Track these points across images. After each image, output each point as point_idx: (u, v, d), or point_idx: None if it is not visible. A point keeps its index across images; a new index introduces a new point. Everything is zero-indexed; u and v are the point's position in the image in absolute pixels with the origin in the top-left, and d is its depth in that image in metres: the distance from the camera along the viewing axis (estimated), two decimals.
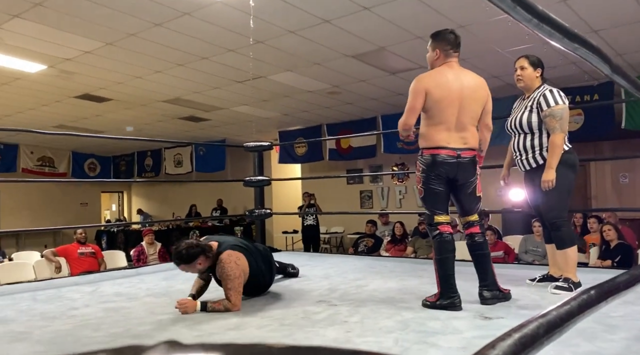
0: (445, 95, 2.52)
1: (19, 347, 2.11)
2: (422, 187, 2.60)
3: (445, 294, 2.47)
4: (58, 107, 8.89)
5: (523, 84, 3.07)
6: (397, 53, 6.29)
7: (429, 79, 2.57)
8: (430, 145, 2.56)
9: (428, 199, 2.59)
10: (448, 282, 2.48)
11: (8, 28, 5.29)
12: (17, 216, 12.91)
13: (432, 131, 2.56)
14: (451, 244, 2.54)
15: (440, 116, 2.53)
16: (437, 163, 2.53)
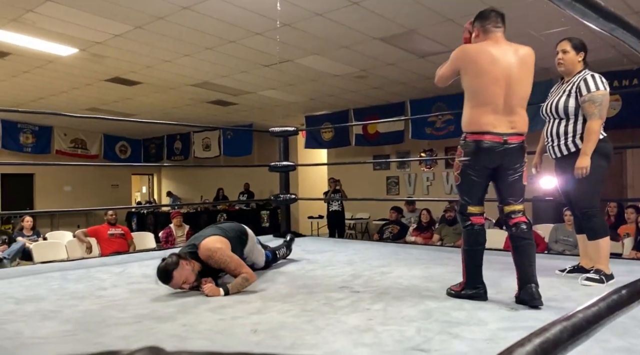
0: (488, 70, 2.30)
1: (49, 325, 2.16)
2: (459, 175, 2.43)
3: (470, 283, 2.40)
4: (90, 90, 9.05)
5: (564, 68, 2.95)
6: (427, 36, 6.15)
7: (471, 49, 2.38)
8: (474, 129, 2.34)
9: (464, 188, 2.43)
10: (475, 273, 2.40)
11: (41, 11, 5.38)
12: (52, 197, 13.30)
13: (476, 113, 2.34)
14: (482, 236, 2.42)
15: (484, 95, 2.32)
16: (481, 150, 2.32)
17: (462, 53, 2.40)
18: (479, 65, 2.33)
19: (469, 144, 2.36)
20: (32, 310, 2.42)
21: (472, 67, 2.34)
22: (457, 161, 2.42)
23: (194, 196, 15.27)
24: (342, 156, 11.67)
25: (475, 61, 2.34)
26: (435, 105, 9.41)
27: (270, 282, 2.99)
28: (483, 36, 2.43)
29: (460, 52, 2.41)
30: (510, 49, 2.37)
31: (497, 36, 2.40)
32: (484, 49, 2.35)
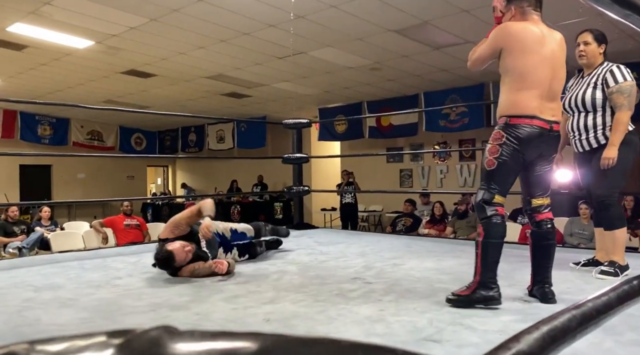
0: (536, 49, 2.15)
1: (66, 313, 2.21)
2: (495, 159, 2.17)
3: (485, 283, 2.14)
4: (106, 83, 9.14)
5: (586, 60, 2.92)
6: (441, 27, 6.09)
7: (516, 26, 2.19)
8: (521, 112, 2.14)
9: (498, 175, 2.19)
10: (492, 270, 2.15)
11: (57, 4, 5.44)
12: (69, 188, 13.49)
13: (523, 96, 2.15)
14: (504, 229, 2.23)
15: (532, 78, 2.14)
16: (527, 136, 2.13)
17: (506, 30, 2.21)
18: (526, 43, 2.16)
19: (515, 127, 2.15)
20: (50, 298, 2.47)
21: (519, 45, 2.16)
22: (495, 145, 2.19)
23: (208, 188, 15.38)
24: (355, 148, 11.66)
25: (521, 39, 2.17)
26: (449, 98, 9.34)
27: (283, 272, 3.02)
28: (520, 17, 2.25)
29: (503, 29, 2.22)
30: (551, 32, 2.25)
31: (536, 18, 2.26)
32: (529, 28, 2.19)
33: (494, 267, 2.16)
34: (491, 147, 2.21)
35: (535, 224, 2.32)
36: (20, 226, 7.09)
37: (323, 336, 0.27)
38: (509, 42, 2.18)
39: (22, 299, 2.45)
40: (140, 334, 0.26)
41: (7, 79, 8.89)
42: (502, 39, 2.21)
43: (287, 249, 3.91)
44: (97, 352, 0.25)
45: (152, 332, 0.26)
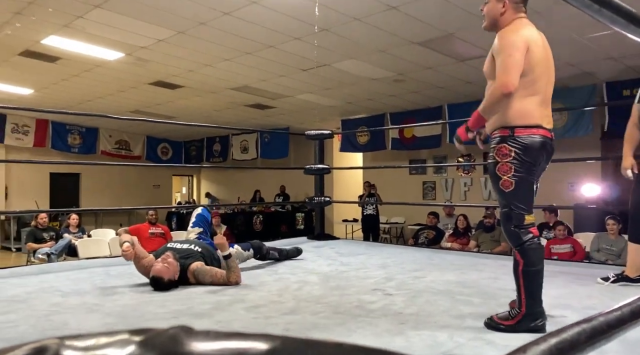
0: (542, 57, 2.01)
1: (92, 318, 2.27)
2: (513, 179, 1.99)
3: (531, 314, 1.96)
4: (134, 93, 9.36)
5: None
6: (466, 39, 6.08)
7: (527, 29, 2.02)
8: (529, 122, 1.99)
9: (521, 194, 2.01)
10: (537, 298, 1.97)
11: (90, 17, 5.61)
12: (97, 196, 13.79)
13: (528, 104, 1.99)
14: (543, 252, 2.05)
15: (536, 84, 2.00)
16: (537, 147, 1.98)
17: (524, 31, 2.02)
18: (538, 47, 2.01)
19: (525, 139, 1.98)
20: (77, 303, 2.53)
21: (534, 48, 2.00)
22: (507, 162, 2.00)
23: (231, 197, 15.53)
24: (377, 160, 11.64)
25: (535, 42, 2.01)
26: (474, 110, 9.27)
27: (304, 282, 3.03)
28: (512, 14, 2.08)
29: (518, 32, 2.01)
30: (540, 33, 2.12)
31: (526, 17, 2.10)
32: (533, 29, 2.05)
33: (538, 294, 1.98)
34: (502, 166, 2.02)
35: None
36: (49, 233, 7.28)
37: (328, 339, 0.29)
38: (528, 44, 1.99)
39: (50, 303, 2.51)
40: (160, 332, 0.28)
41: (40, 89, 9.19)
42: (524, 39, 1.98)
43: (308, 259, 3.93)
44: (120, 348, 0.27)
45: (171, 331, 0.28)
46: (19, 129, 12.21)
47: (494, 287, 2.82)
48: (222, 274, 2.92)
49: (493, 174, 2.06)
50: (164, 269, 2.82)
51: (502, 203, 2.06)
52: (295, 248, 4.00)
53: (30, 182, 12.79)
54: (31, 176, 12.82)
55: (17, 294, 2.73)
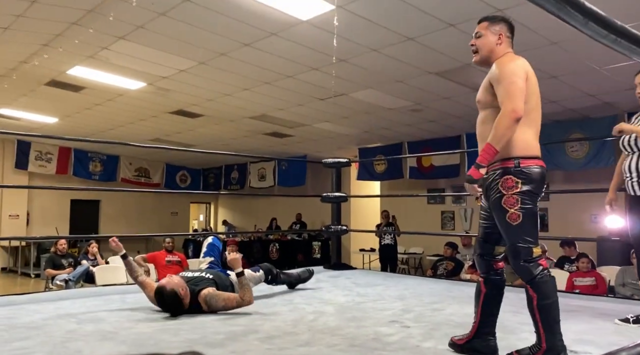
0: (536, 88, 2.03)
1: (106, 345, 2.25)
2: (520, 211, 1.94)
3: (553, 348, 1.91)
4: (155, 122, 9.54)
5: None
6: (484, 69, 6.09)
7: (523, 61, 2.03)
8: (531, 153, 1.98)
9: (528, 227, 1.95)
10: (556, 332, 1.93)
11: (114, 49, 5.79)
12: (116, 222, 13.94)
13: (530, 135, 1.99)
14: (555, 283, 1.98)
15: (532, 114, 2.00)
16: (541, 178, 1.97)
17: (520, 61, 2.04)
18: (532, 77, 2.03)
19: (530, 170, 1.95)
20: (91, 330, 2.53)
21: (532, 78, 2.03)
22: (512, 195, 1.95)
23: (248, 225, 15.55)
24: (395, 189, 11.59)
25: (530, 73, 2.03)
26: None
27: (319, 313, 2.98)
28: (506, 47, 2.12)
29: (517, 61, 2.03)
30: None
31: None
32: (526, 61, 2.06)
33: (557, 329, 1.93)
34: (508, 199, 1.96)
35: (495, 271, 2.14)
36: (68, 259, 7.34)
37: None
38: (527, 73, 2.01)
39: (65, 330, 2.51)
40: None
41: (63, 117, 9.43)
42: (524, 68, 2.00)
43: (324, 289, 3.88)
44: None
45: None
46: (42, 156, 12.50)
47: (514, 321, 2.73)
48: (235, 297, 2.90)
49: (498, 208, 1.99)
50: (165, 281, 2.85)
51: (508, 238, 1.99)
52: (307, 269, 3.93)
53: (52, 208, 13.01)
54: (52, 203, 13.04)
55: (33, 320, 2.74)
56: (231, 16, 4.85)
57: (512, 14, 4.54)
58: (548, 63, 5.64)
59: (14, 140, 11.93)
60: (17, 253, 12.00)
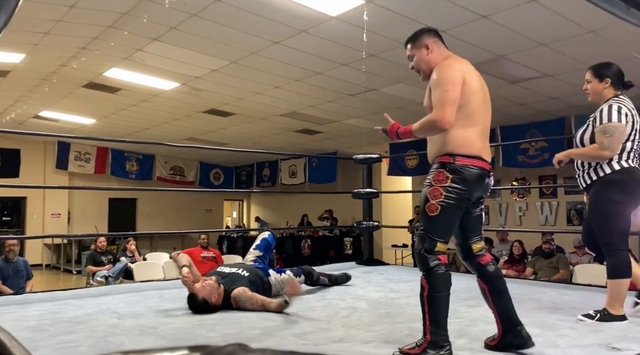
0: (478, 87, 2.06)
1: (147, 340, 2.32)
2: (439, 204, 1.98)
3: (435, 342, 1.93)
4: (188, 121, 9.72)
5: (590, 98, 2.86)
6: (518, 61, 5.97)
7: (460, 63, 2.08)
8: (467, 152, 1.99)
9: (442, 221, 1.99)
10: (442, 327, 1.96)
11: (148, 50, 5.92)
12: (152, 220, 14.28)
13: (468, 134, 2.01)
14: (449, 279, 2.02)
15: (476, 115, 2.03)
16: (473, 178, 1.98)
17: (456, 66, 2.07)
18: (473, 80, 2.06)
19: (462, 168, 1.98)
20: (132, 325, 2.61)
21: (469, 81, 2.05)
22: (439, 187, 1.99)
23: (280, 222, 15.68)
24: None
25: (470, 75, 2.06)
26: (528, 132, 9.02)
27: (353, 309, 2.99)
28: (441, 52, 2.17)
29: (456, 65, 2.08)
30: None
31: (456, 56, 2.16)
32: (464, 62, 2.10)
33: (443, 323, 1.96)
34: (433, 190, 2.00)
35: (484, 266, 2.12)
36: (107, 256, 7.56)
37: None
38: (464, 77, 2.03)
39: (107, 325, 2.60)
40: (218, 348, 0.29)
41: (101, 118, 9.71)
42: (460, 72, 2.04)
43: (357, 285, 3.88)
44: None
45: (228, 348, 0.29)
46: (81, 156, 12.90)
47: (553, 317, 2.68)
48: (262, 304, 2.89)
49: (423, 197, 2.05)
50: (200, 288, 2.88)
51: (422, 225, 2.05)
52: (345, 273, 3.97)
53: (91, 207, 13.43)
54: (92, 202, 13.46)
55: (77, 315, 2.84)
56: (261, 14, 4.90)
57: (546, 3, 4.43)
58: (585, 52, 5.48)
59: (54, 141, 12.35)
60: (59, 250, 12.46)
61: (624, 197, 2.64)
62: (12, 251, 5.74)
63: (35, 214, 12.54)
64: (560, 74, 6.20)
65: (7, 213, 12.75)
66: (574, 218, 9.53)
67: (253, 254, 3.55)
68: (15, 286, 5.61)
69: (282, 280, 3.35)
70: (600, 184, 2.65)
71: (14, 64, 6.47)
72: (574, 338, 2.23)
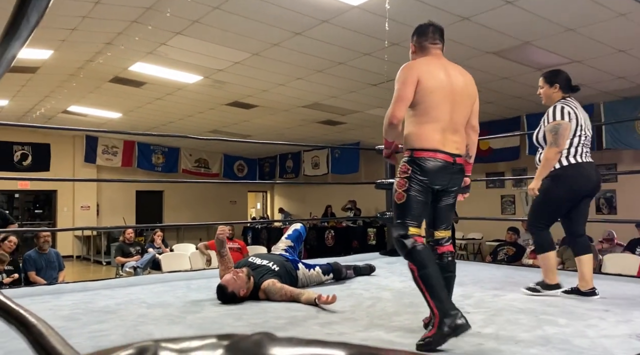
0: (438, 86, 2.19)
1: (175, 329, 2.37)
2: (405, 193, 2.17)
3: (445, 314, 1.96)
4: (212, 114, 9.81)
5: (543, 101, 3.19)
6: (544, 47, 5.83)
7: (420, 65, 2.24)
8: (425, 146, 2.17)
9: (408, 208, 2.16)
10: (444, 298, 2.02)
11: (172, 44, 5.98)
12: (178, 212, 14.51)
13: (426, 130, 2.18)
14: (430, 253, 2.16)
15: (435, 112, 2.18)
16: (431, 169, 2.15)
17: (415, 66, 2.24)
18: (430, 79, 2.19)
19: (418, 160, 2.17)
20: (160, 314, 2.67)
21: (424, 81, 2.18)
22: (403, 178, 2.18)
23: (303, 212, 15.75)
24: None
25: (427, 75, 2.20)
26: None
27: (377, 299, 3.00)
28: (420, 53, 2.35)
29: (413, 66, 2.24)
30: (450, 65, 2.31)
31: (436, 53, 2.33)
32: (432, 63, 2.26)
33: (444, 294, 2.04)
34: (399, 181, 2.21)
35: (437, 256, 2.26)
36: (135, 247, 7.73)
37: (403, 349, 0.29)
38: (418, 77, 2.18)
39: (137, 314, 2.67)
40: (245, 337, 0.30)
41: (127, 112, 9.87)
42: (414, 74, 2.19)
43: (381, 275, 3.89)
44: (210, 351, 0.29)
45: (255, 336, 0.30)
46: (109, 150, 13.17)
47: (582, 307, 2.64)
48: (292, 294, 2.93)
49: (393, 188, 2.25)
50: (231, 280, 2.92)
51: (394, 215, 2.23)
52: (368, 265, 3.98)
53: (119, 199, 13.71)
54: (119, 194, 13.74)
55: (108, 305, 2.92)
56: (283, 6, 4.89)
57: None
58: (615, 36, 5.32)
59: (83, 135, 12.62)
60: (89, 242, 12.79)
61: (565, 193, 2.99)
62: (46, 242, 5.93)
63: (65, 207, 12.87)
64: (588, 59, 6.04)
65: (39, 206, 13.12)
66: (603, 207, 9.32)
67: (285, 243, 3.62)
68: (48, 277, 5.79)
69: (310, 277, 3.38)
70: (550, 177, 2.97)
71: (43, 60, 6.62)
72: (604, 328, 2.20)
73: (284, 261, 3.29)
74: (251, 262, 3.21)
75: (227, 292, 2.89)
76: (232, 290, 2.90)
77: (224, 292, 2.90)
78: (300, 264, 3.40)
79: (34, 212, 13.01)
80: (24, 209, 12.90)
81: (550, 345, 1.97)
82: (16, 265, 5.54)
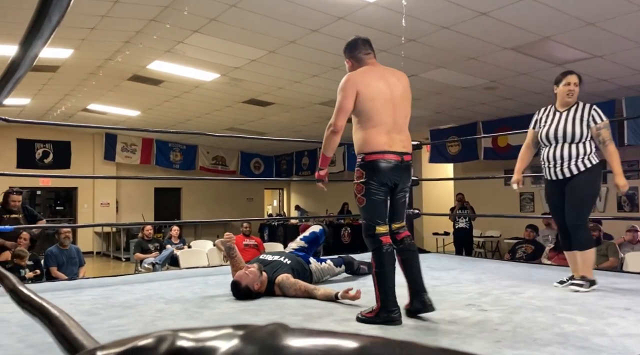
0: (377, 93, 2.37)
1: (193, 324, 2.40)
2: (364, 197, 2.40)
3: (385, 308, 2.32)
4: (229, 112, 9.87)
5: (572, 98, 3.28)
6: (564, 42, 5.74)
7: (359, 76, 2.42)
8: (373, 149, 2.36)
9: (370, 209, 2.40)
10: (389, 295, 2.33)
11: (189, 42, 6.03)
12: (196, 209, 14.64)
13: (372, 134, 2.37)
14: (393, 257, 2.39)
15: (378, 117, 2.36)
16: (382, 169, 2.35)
17: (353, 78, 2.40)
18: (369, 88, 2.36)
19: (370, 164, 2.36)
20: (179, 310, 2.70)
21: (363, 90, 2.35)
22: (359, 183, 2.40)
23: (319, 210, 15.76)
24: (469, 171, 11.25)
25: (365, 84, 2.37)
26: None
27: None
28: (357, 64, 2.50)
29: (351, 79, 2.41)
30: (389, 71, 2.49)
31: (371, 61, 2.50)
32: (369, 72, 2.42)
33: (391, 293, 2.32)
34: (357, 186, 2.42)
35: (398, 241, 2.49)
36: (154, 244, 7.82)
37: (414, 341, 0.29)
38: (357, 88, 2.36)
39: (155, 310, 2.71)
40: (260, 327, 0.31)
41: (145, 110, 9.99)
42: (354, 85, 2.37)
43: (398, 272, 3.87)
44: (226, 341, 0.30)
45: (270, 327, 0.31)
46: (127, 147, 13.34)
47: (601, 305, 2.60)
48: (305, 291, 2.94)
49: (354, 193, 2.45)
50: (243, 275, 2.94)
51: (360, 216, 2.47)
52: None
53: (138, 196, 13.89)
54: (138, 191, 13.92)
55: (127, 300, 2.97)
56: (299, 3, 4.90)
57: None
58: (637, 30, 5.22)
59: (102, 133, 12.80)
60: (109, 238, 12.98)
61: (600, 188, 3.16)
62: (67, 238, 6.04)
63: (85, 204, 13.08)
64: (610, 54, 5.93)
65: (60, 203, 13.36)
66: (624, 204, 9.16)
67: (297, 243, 3.63)
68: (69, 272, 5.90)
69: (323, 270, 3.40)
70: (593, 171, 3.05)
71: (63, 59, 6.73)
72: (624, 327, 2.17)
73: (296, 256, 3.32)
74: (262, 259, 3.24)
75: (241, 287, 2.92)
76: (246, 285, 2.92)
77: (238, 287, 2.93)
78: (312, 258, 3.42)
79: (55, 209, 13.25)
80: (46, 205, 13.14)
81: (569, 344, 1.95)
82: (36, 260, 5.66)
